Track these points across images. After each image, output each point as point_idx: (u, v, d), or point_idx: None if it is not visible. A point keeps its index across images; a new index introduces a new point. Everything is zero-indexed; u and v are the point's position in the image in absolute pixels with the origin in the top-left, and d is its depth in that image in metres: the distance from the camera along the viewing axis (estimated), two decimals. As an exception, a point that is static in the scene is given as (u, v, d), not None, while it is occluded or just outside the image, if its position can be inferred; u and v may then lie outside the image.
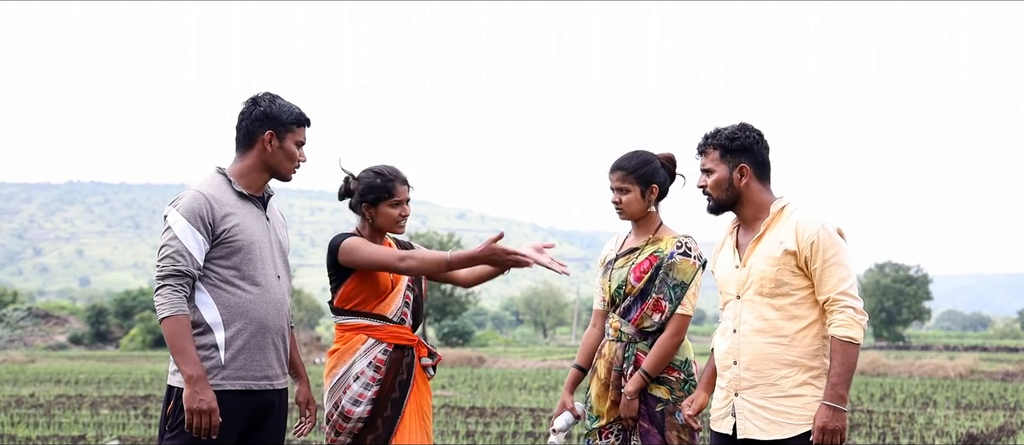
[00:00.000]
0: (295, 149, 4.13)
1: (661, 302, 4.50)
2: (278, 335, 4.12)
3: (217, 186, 4.07)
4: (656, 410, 4.50)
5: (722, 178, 4.05)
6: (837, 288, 3.89)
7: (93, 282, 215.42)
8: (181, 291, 3.92)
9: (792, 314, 3.96)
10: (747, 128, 4.07)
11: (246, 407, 4.04)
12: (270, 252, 4.14)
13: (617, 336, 4.59)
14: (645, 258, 4.54)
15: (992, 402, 17.52)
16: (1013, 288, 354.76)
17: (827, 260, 3.90)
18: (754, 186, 4.06)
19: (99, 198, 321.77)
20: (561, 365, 32.38)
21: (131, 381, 23.01)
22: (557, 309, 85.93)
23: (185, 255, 3.93)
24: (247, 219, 4.08)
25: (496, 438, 11.38)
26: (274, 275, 4.12)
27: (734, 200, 4.08)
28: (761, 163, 4.07)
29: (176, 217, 3.96)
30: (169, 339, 3.87)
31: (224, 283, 4.00)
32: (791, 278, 3.96)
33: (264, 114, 4.09)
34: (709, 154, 4.09)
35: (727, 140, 4.05)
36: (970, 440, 11.32)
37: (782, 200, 4.07)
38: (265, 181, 4.18)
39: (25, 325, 56.63)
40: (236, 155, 4.15)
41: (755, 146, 4.05)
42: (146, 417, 13.79)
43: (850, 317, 3.87)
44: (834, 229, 3.97)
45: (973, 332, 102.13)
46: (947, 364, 27.81)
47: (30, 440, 11.02)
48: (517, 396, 18.54)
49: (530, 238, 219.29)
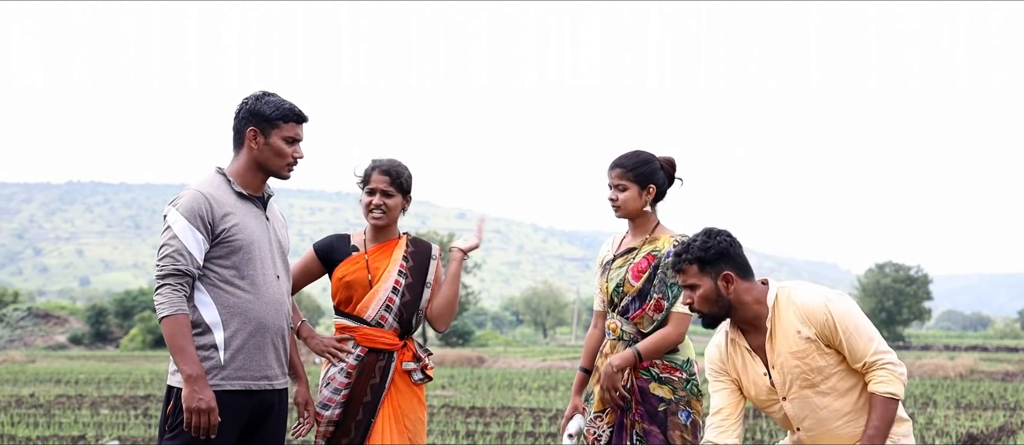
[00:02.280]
0: (284, 145, 4.09)
1: (661, 302, 4.50)
2: (277, 335, 4.11)
3: (217, 186, 4.06)
4: (658, 410, 4.48)
5: (709, 291, 4.00)
6: (869, 350, 3.91)
7: (93, 282, 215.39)
8: (181, 290, 3.91)
9: (846, 387, 3.98)
10: (715, 234, 4.02)
11: (246, 407, 4.04)
12: (270, 252, 4.13)
13: (618, 335, 4.59)
14: (643, 257, 4.55)
15: (992, 402, 17.51)
16: (1013, 288, 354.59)
17: (847, 331, 3.91)
18: (742, 287, 4.01)
19: (99, 198, 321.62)
20: (561, 365, 32.38)
21: (131, 381, 23.01)
22: (557, 309, 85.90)
23: (185, 254, 3.92)
24: (246, 219, 4.07)
25: (496, 438, 11.38)
26: (273, 275, 4.12)
27: (726, 309, 4.03)
28: (741, 264, 4.02)
29: (176, 216, 3.96)
30: (168, 338, 3.86)
31: (223, 283, 3.99)
32: (825, 360, 3.95)
33: (249, 111, 4.08)
34: (688, 271, 4.02)
35: (701, 251, 3.99)
36: (970, 440, 11.31)
37: (772, 288, 4.03)
38: (262, 180, 4.16)
39: (25, 325, 56.65)
40: (233, 155, 4.16)
41: (730, 249, 4.00)
42: (146, 417, 13.79)
43: (891, 373, 3.91)
44: (836, 298, 3.97)
45: (973, 332, 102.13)
46: (947, 364, 27.82)
47: (30, 440, 11.02)
48: (517, 396, 18.54)
49: (530, 238, 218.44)
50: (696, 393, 4.58)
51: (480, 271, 76.33)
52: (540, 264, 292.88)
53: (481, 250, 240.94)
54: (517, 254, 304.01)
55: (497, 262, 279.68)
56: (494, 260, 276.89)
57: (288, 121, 4.10)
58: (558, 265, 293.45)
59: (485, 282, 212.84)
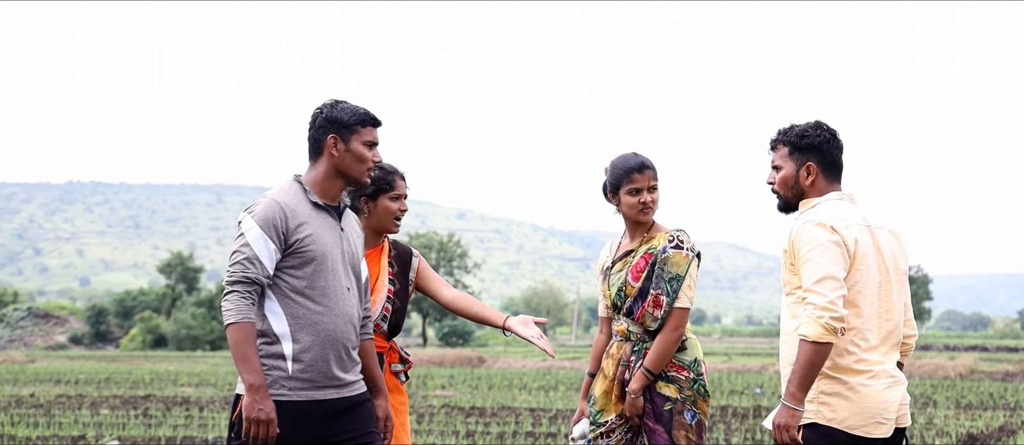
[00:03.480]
0: (364, 150, 4.06)
1: (660, 297, 4.53)
2: (345, 348, 4.07)
3: (293, 195, 4.03)
4: (664, 409, 4.51)
5: (789, 175, 4.03)
6: (804, 284, 3.85)
7: (93, 282, 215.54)
8: (249, 298, 3.88)
9: (793, 312, 3.96)
10: (821, 126, 4.04)
11: (314, 416, 3.99)
12: (342, 263, 4.08)
13: (625, 336, 4.64)
14: (640, 257, 4.59)
15: (992, 402, 17.52)
16: (1013, 288, 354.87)
17: (802, 257, 3.87)
18: (820, 185, 4.02)
19: (99, 198, 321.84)
20: (561, 365, 32.38)
21: (131, 381, 23.02)
22: (557, 309, 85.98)
23: (255, 262, 3.89)
24: (321, 230, 4.03)
25: (496, 438, 11.38)
26: (344, 287, 4.07)
27: (800, 197, 4.05)
28: (830, 163, 4.02)
29: (250, 224, 3.93)
30: (233, 346, 3.83)
31: (294, 294, 3.96)
32: (790, 277, 3.97)
33: (326, 119, 4.05)
34: (779, 150, 4.07)
35: (797, 137, 4.02)
36: (970, 440, 11.32)
37: (831, 199, 3.99)
38: (340, 189, 4.12)
39: (25, 325, 56.64)
40: (309, 165, 4.12)
41: (825, 145, 4.01)
42: (146, 417, 13.80)
43: (809, 314, 3.76)
44: (817, 224, 3.88)
45: (973, 332, 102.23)
46: (947, 364, 27.81)
47: (30, 440, 11.03)
48: (517, 396, 18.55)
49: (530, 238, 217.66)
50: (702, 393, 4.59)
51: (480, 271, 76.31)
52: (540, 264, 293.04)
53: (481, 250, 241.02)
54: (517, 254, 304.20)
55: (497, 262, 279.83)
56: (494, 260, 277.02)
57: (366, 125, 4.08)
58: (558, 265, 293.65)
59: (485, 282, 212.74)
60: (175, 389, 20.42)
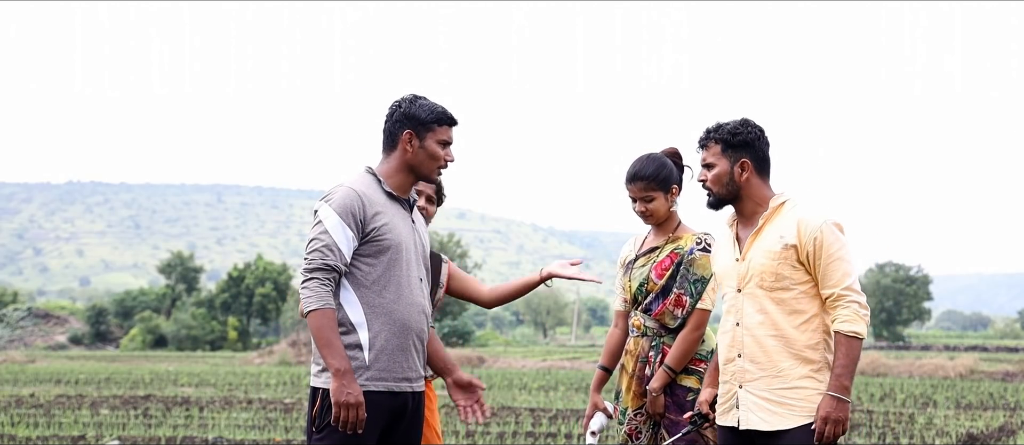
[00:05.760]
0: (438, 149, 4.10)
1: (682, 298, 4.63)
2: (418, 337, 4.10)
3: (368, 184, 4.06)
4: (686, 399, 4.60)
5: (723, 172, 4.09)
6: (841, 283, 3.94)
7: (93, 282, 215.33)
8: (329, 285, 3.90)
9: (793, 308, 4.01)
10: (749, 124, 4.12)
11: (387, 408, 4.01)
12: (415, 254, 4.12)
13: (642, 331, 4.72)
14: (666, 256, 4.68)
15: (992, 402, 17.52)
16: (1013, 288, 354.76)
17: (831, 256, 3.96)
18: (754, 181, 4.10)
19: (99, 198, 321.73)
20: (561, 365, 32.40)
21: (131, 381, 23.03)
22: (557, 309, 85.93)
23: (335, 250, 3.91)
24: (396, 219, 4.07)
25: (496, 438, 11.39)
26: (417, 277, 4.11)
27: (734, 195, 4.12)
28: (762, 159, 4.11)
29: (328, 212, 3.95)
30: (315, 333, 3.85)
31: (370, 282, 3.99)
32: (791, 273, 4.00)
33: (404, 114, 4.08)
34: (710, 148, 4.13)
35: (729, 135, 4.09)
36: (970, 440, 11.32)
37: (781, 196, 4.11)
38: (411, 183, 4.16)
39: (25, 325, 56.69)
40: (382, 157, 4.15)
41: (756, 142, 4.10)
42: (146, 417, 13.80)
43: (855, 312, 3.93)
44: (837, 223, 4.01)
45: (973, 332, 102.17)
46: (947, 364, 27.83)
47: (30, 440, 11.03)
48: (517, 396, 18.56)
49: (530, 238, 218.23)
50: None
51: (480, 271, 76.35)
52: (540, 264, 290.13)
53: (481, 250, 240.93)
54: (517, 254, 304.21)
55: (497, 262, 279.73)
56: (494, 260, 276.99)
57: (442, 124, 4.11)
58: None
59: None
60: (175, 389, 20.43)
